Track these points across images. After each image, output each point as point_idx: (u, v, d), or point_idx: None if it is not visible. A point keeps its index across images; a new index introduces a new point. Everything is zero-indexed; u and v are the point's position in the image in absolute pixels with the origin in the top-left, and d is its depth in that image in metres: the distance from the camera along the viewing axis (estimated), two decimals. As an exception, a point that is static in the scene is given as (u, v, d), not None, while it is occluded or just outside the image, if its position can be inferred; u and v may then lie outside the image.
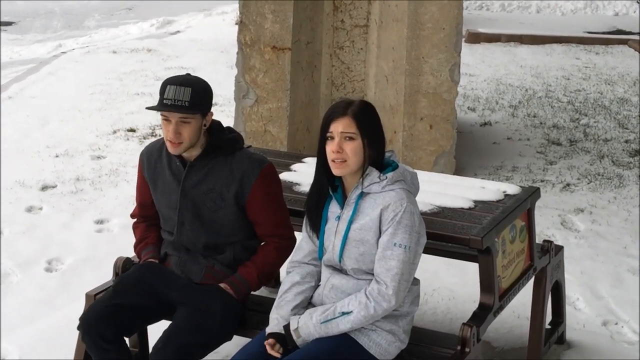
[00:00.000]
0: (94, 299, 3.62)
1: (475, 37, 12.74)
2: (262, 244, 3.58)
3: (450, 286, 4.85)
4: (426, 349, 3.38)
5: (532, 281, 3.96)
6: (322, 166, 3.21)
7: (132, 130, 7.87)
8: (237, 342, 3.51)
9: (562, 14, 15.47)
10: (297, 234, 3.56)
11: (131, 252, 3.77)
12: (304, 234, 3.37)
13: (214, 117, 3.51)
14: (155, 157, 3.58)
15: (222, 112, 8.29)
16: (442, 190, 3.93)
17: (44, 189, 6.38)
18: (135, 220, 3.76)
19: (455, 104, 6.50)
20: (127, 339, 3.56)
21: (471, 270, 4.43)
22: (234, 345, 3.54)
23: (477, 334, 3.33)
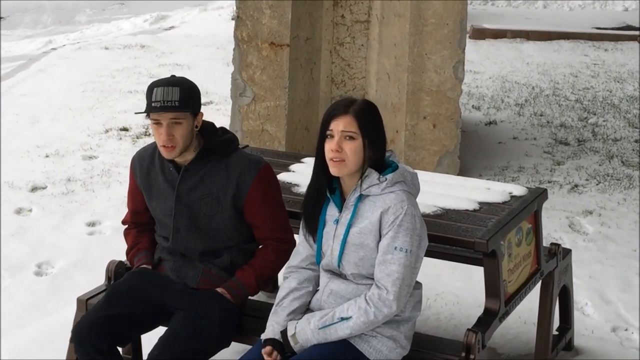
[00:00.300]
0: (85, 304, 3.62)
1: (480, 33, 12.74)
2: (261, 247, 3.58)
3: (454, 291, 4.85)
4: (429, 356, 3.38)
5: (539, 286, 3.96)
6: (320, 165, 3.21)
7: (125, 129, 7.87)
8: (235, 349, 3.51)
9: (569, 9, 15.48)
10: (296, 236, 3.56)
11: (124, 256, 3.76)
12: (301, 237, 3.36)
13: (207, 119, 3.51)
14: (147, 163, 3.57)
15: (218, 110, 8.29)
16: (446, 191, 3.93)
17: (34, 190, 6.37)
18: (126, 227, 3.76)
19: (459, 103, 6.50)
20: (120, 349, 3.55)
21: (476, 274, 4.43)
22: (232, 351, 3.54)
23: (482, 340, 3.33)
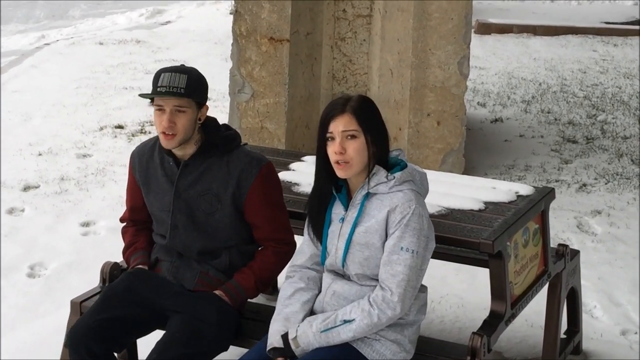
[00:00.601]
0: (79, 307, 3.62)
1: (485, 28, 12.75)
2: (260, 248, 3.58)
3: (459, 293, 4.85)
4: (433, 360, 3.40)
5: (546, 288, 3.97)
6: (322, 169, 3.20)
7: (120, 126, 7.88)
8: (233, 352, 3.52)
9: (578, 3, 15.48)
10: (297, 237, 3.57)
11: (119, 257, 3.77)
12: (306, 236, 3.36)
13: (209, 114, 3.52)
14: (147, 157, 3.58)
15: (216, 107, 8.30)
16: (451, 190, 3.93)
17: (26, 189, 6.38)
18: (124, 224, 3.77)
19: (464, 99, 6.51)
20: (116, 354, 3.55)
21: (481, 276, 4.44)
22: (230, 355, 3.55)
23: (487, 343, 3.33)
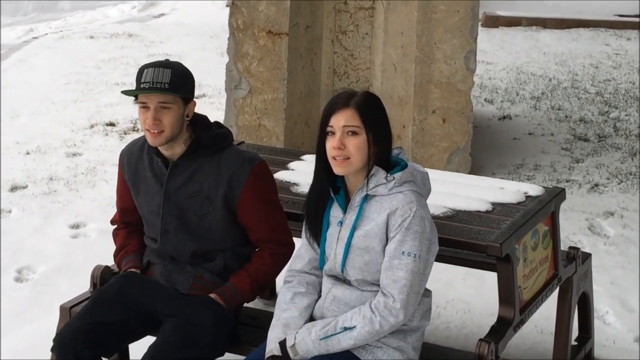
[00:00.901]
0: (69, 312, 3.61)
1: (493, 21, 12.75)
2: (257, 250, 3.58)
3: (465, 298, 4.85)
4: (438, 368, 3.39)
5: (556, 292, 3.96)
6: (321, 165, 3.20)
7: (112, 124, 7.87)
8: (228, 358, 3.51)
9: (589, -5, 15.48)
10: (296, 240, 3.55)
11: (110, 260, 3.77)
12: (304, 240, 3.36)
13: (201, 112, 3.51)
14: (136, 157, 3.58)
15: (212, 104, 8.30)
16: (456, 191, 3.93)
17: (14, 189, 6.38)
18: (115, 226, 3.76)
19: (470, 95, 6.50)
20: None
21: (489, 280, 4.43)
22: (225, 362, 3.54)
23: (495, 351, 3.32)
